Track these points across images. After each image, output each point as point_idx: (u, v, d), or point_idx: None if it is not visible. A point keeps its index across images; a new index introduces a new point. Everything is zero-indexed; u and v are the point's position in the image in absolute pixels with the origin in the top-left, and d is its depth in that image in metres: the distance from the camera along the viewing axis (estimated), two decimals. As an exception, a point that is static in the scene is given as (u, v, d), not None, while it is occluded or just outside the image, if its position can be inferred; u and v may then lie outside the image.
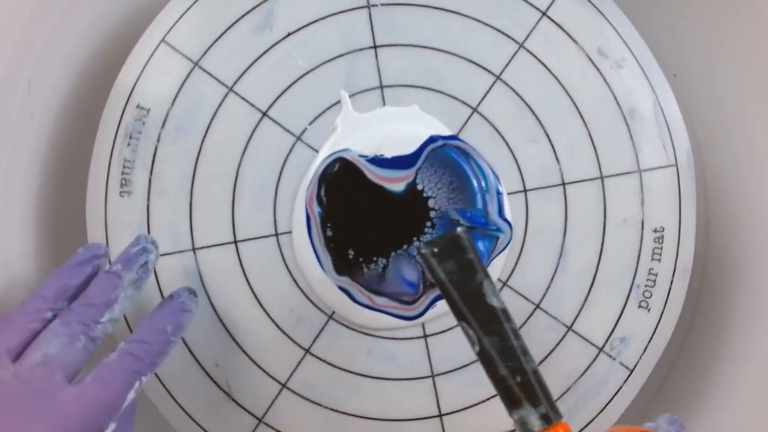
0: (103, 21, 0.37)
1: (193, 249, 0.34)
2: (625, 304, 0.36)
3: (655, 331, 0.36)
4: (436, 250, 0.29)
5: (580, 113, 0.36)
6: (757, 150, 0.37)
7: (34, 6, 0.33)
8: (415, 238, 0.34)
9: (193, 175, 0.35)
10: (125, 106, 0.34)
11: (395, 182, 0.34)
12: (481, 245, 0.35)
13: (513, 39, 0.36)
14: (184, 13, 0.35)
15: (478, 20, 0.35)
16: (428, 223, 0.34)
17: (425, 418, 0.35)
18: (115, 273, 0.29)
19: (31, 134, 0.35)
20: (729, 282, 0.40)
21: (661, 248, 0.36)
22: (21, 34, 0.32)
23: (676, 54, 0.40)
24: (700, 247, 0.38)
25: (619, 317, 0.36)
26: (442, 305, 0.35)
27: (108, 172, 0.34)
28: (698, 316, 0.42)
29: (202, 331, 0.34)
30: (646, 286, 0.36)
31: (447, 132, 0.35)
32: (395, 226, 0.34)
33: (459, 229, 0.29)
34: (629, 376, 0.36)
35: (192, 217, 0.34)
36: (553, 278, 0.36)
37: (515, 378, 0.27)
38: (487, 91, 0.35)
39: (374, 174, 0.34)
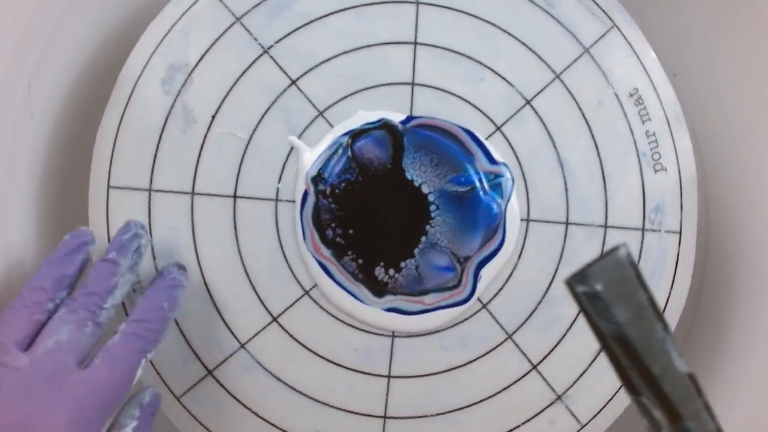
0: (103, 21, 0.38)
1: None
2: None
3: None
4: (599, 287, 0.19)
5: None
6: (757, 150, 0.37)
7: (34, 6, 0.33)
8: (427, 227, 0.34)
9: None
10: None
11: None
12: (489, 199, 0.34)
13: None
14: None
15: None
16: (432, 207, 0.34)
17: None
18: (111, 261, 0.30)
19: (31, 134, 0.35)
20: (729, 283, 0.39)
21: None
22: (21, 34, 0.33)
23: (676, 54, 0.40)
24: (700, 247, 0.38)
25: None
26: (488, 272, 0.34)
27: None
28: (698, 316, 0.41)
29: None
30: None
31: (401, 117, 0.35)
32: (404, 225, 0.34)
33: (622, 251, 0.20)
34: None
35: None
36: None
37: None
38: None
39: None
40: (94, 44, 0.38)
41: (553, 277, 0.35)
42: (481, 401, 0.35)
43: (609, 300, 0.19)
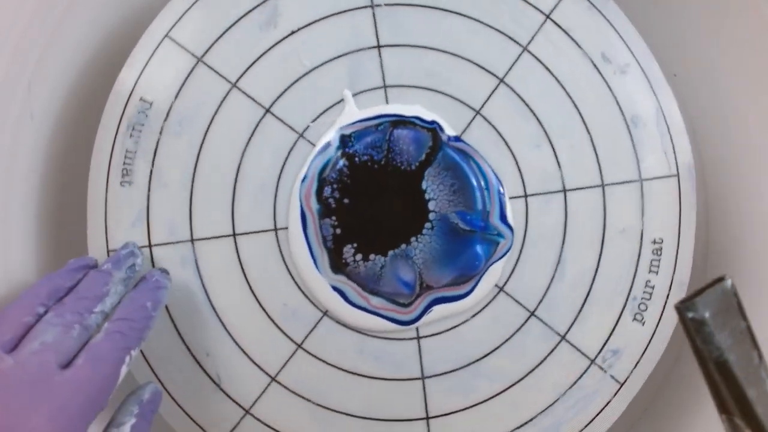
0: (103, 21, 0.38)
1: (192, 240, 0.35)
2: (620, 316, 0.36)
3: (648, 345, 0.36)
4: (706, 315, 0.22)
5: (583, 119, 0.35)
6: (758, 150, 0.37)
7: (34, 6, 0.33)
8: (413, 238, 0.34)
9: (195, 168, 0.35)
10: (128, 99, 0.35)
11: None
12: (479, 249, 0.34)
13: (516, 42, 0.35)
14: (188, 9, 0.35)
15: (482, 22, 0.35)
16: (427, 225, 0.34)
17: (411, 419, 0.35)
18: (105, 271, 0.31)
19: (32, 133, 0.35)
20: None
21: (659, 260, 0.36)
22: (21, 34, 0.32)
23: (676, 54, 0.39)
24: (699, 250, 0.38)
25: (613, 329, 0.35)
26: (439, 310, 0.35)
27: (110, 162, 0.35)
28: None
29: (196, 321, 0.35)
30: (642, 298, 0.36)
31: (451, 133, 0.35)
32: (394, 225, 0.34)
33: (727, 282, 0.22)
34: (619, 389, 0.36)
35: (192, 209, 0.35)
36: (549, 286, 0.35)
37: None
38: (491, 94, 0.35)
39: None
40: (94, 44, 0.38)
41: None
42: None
43: (714, 327, 0.22)
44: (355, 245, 0.34)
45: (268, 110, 0.35)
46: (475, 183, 0.35)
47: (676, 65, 0.39)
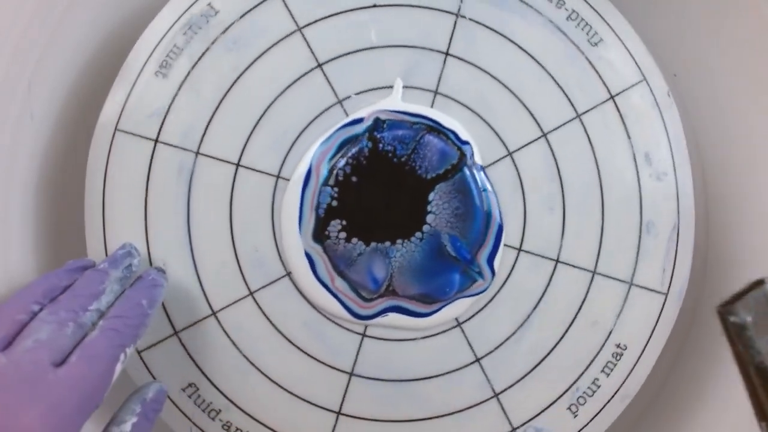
0: (104, 21, 0.38)
1: (197, 153, 0.35)
2: (556, 400, 0.35)
3: (573, 438, 0.36)
4: (749, 319, 0.22)
5: (603, 204, 0.36)
6: (758, 150, 0.37)
7: (34, 6, 0.33)
8: (400, 241, 0.34)
9: (230, 88, 0.35)
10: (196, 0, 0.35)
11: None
12: (456, 278, 0.34)
13: (574, 106, 0.36)
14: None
15: (550, 74, 0.36)
16: (418, 234, 0.34)
17: (324, 408, 0.35)
18: (101, 270, 0.30)
19: (31, 134, 0.35)
20: (729, 283, 0.39)
21: (615, 365, 0.36)
22: (21, 34, 0.33)
23: (676, 54, 0.40)
24: (700, 248, 0.38)
25: (545, 409, 0.35)
26: (394, 318, 0.35)
27: (153, 50, 0.35)
28: (698, 317, 0.41)
29: (163, 226, 0.35)
30: (584, 392, 0.35)
31: (479, 160, 0.35)
32: (388, 221, 0.34)
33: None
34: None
35: (210, 124, 0.35)
36: (504, 342, 0.35)
37: None
38: (529, 143, 0.35)
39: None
40: (94, 44, 0.38)
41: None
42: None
43: (755, 331, 0.21)
44: (343, 222, 0.34)
45: (319, 65, 0.35)
46: (479, 216, 0.35)
47: (676, 65, 0.39)
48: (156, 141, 0.35)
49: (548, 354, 0.35)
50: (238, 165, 0.35)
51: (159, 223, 0.35)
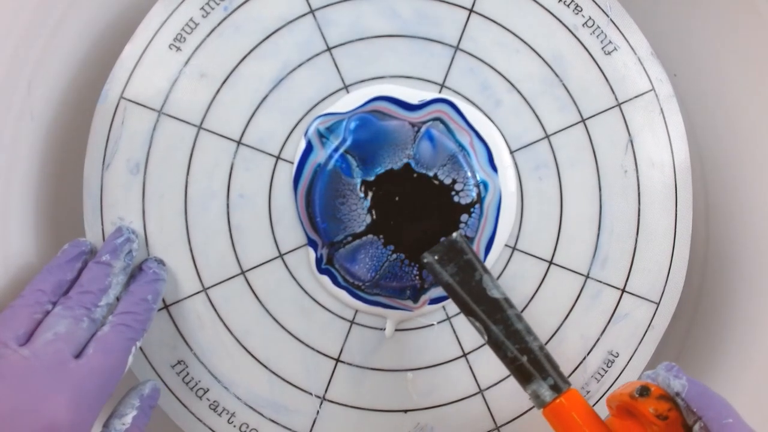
0: (103, 20, 0.38)
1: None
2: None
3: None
4: (437, 257, 0.32)
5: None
6: (758, 150, 0.37)
7: (34, 6, 0.33)
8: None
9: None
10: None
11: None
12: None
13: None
14: None
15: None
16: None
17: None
18: (105, 263, 0.33)
19: (31, 133, 0.35)
20: (729, 283, 0.39)
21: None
22: (21, 34, 0.33)
23: (676, 54, 0.40)
24: (699, 250, 0.38)
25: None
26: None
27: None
28: (698, 316, 0.41)
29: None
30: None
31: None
32: (413, 234, 0.34)
33: (455, 235, 0.32)
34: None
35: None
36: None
37: (523, 357, 0.30)
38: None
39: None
40: (93, 44, 0.38)
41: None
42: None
43: (443, 262, 0.31)
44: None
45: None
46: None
47: (677, 65, 0.40)
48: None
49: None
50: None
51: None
